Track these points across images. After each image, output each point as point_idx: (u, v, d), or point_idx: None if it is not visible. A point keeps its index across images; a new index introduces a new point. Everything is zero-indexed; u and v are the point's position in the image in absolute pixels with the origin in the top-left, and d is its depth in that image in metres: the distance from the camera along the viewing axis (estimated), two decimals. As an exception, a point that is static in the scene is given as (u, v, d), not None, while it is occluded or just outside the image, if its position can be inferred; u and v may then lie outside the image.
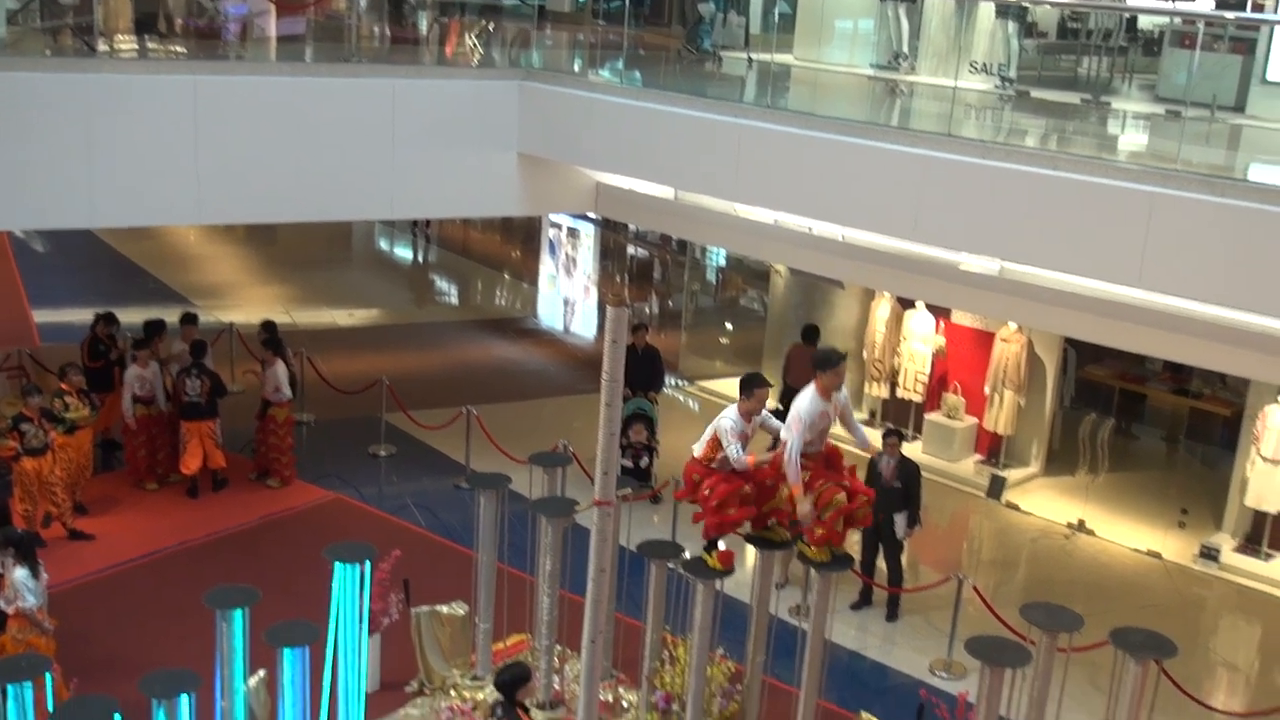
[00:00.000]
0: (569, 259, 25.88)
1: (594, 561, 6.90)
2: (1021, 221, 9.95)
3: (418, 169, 13.19)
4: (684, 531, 12.49)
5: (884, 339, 16.63)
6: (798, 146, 11.36)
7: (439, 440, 15.34)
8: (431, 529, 13.44)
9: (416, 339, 21.01)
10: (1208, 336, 10.04)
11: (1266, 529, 13.70)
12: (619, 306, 6.58)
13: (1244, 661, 12.67)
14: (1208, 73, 14.13)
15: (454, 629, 10.54)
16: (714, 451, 8.34)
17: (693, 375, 19.35)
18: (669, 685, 9.64)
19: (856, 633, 11.98)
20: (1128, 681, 7.67)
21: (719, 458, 8.34)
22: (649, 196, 14.21)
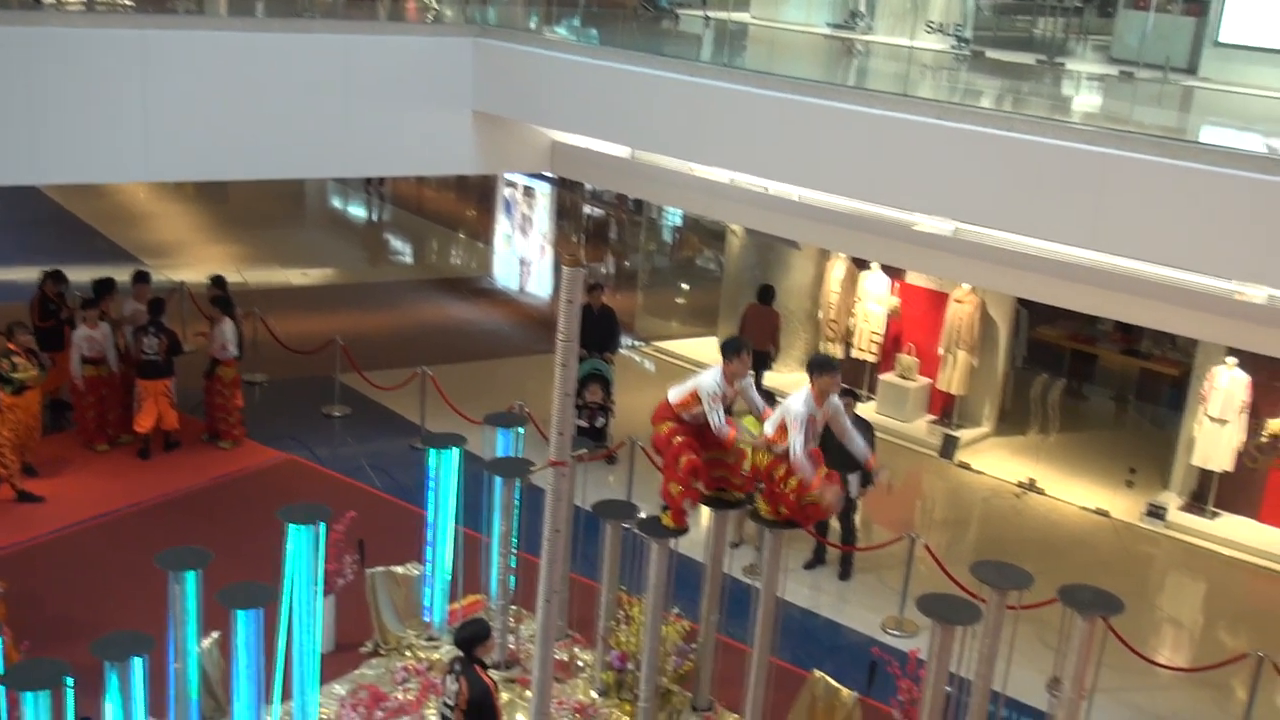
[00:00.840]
0: (524, 218, 25.73)
1: (549, 522, 6.90)
2: (975, 182, 9.98)
3: (371, 126, 13.06)
4: (639, 492, 12.54)
5: (839, 299, 16.69)
6: (754, 106, 11.33)
7: (393, 401, 15.27)
8: (386, 490, 13.39)
9: (370, 298, 20.86)
10: (1158, 298, 10.14)
11: (1212, 488, 13.92)
12: (574, 267, 6.55)
13: (1188, 618, 12.89)
14: (1161, 34, 14.21)
15: (408, 589, 10.53)
16: (690, 405, 8.29)
17: (649, 335, 19.35)
18: (624, 644, 9.70)
19: (810, 591, 12.08)
20: (1075, 638, 7.77)
21: (694, 412, 8.30)
22: (605, 155, 14.15)
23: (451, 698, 7.81)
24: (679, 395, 8.37)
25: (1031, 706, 9.93)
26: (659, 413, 8.53)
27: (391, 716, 9.44)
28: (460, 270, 24.93)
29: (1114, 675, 10.15)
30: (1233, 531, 13.69)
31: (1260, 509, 13.85)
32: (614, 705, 9.69)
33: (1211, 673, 10.55)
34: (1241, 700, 10.10)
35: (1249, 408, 13.45)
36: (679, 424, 8.42)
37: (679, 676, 9.70)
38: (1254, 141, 12.05)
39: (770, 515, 8.50)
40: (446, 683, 7.92)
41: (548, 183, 25.00)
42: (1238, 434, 13.50)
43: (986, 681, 8.02)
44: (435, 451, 10.28)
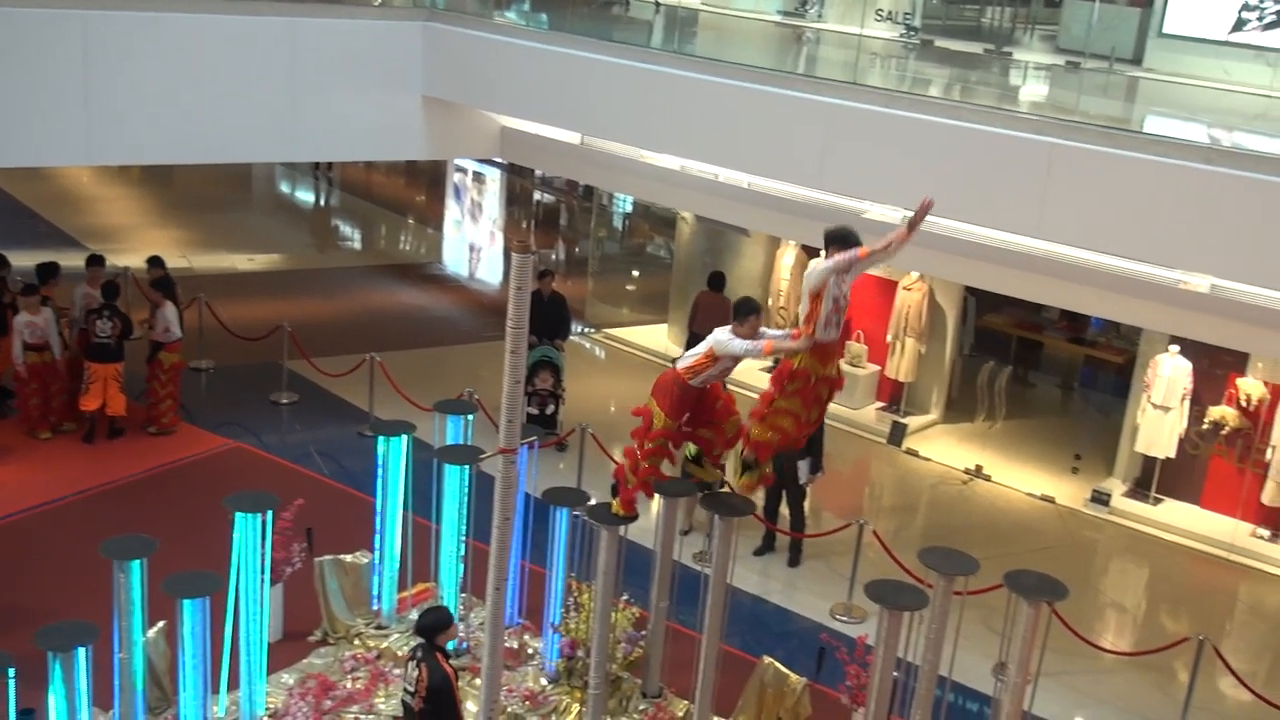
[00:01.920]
0: (474, 204, 25.63)
1: (498, 509, 6.88)
2: (924, 171, 10.05)
3: (319, 110, 12.95)
4: (589, 479, 12.55)
5: (789, 287, 16.75)
6: (704, 93, 11.34)
7: (342, 387, 15.16)
8: (335, 477, 13.30)
9: (319, 284, 20.69)
10: (1103, 286, 10.26)
11: (1155, 474, 14.11)
12: (524, 253, 6.52)
13: (1132, 603, 13.08)
14: (1107, 25, 14.37)
15: (357, 577, 10.47)
16: (707, 364, 7.82)
17: (599, 322, 19.33)
18: (574, 632, 9.70)
19: (759, 578, 12.13)
20: (1021, 623, 7.85)
21: (706, 374, 7.87)
22: (555, 141, 14.11)
23: (412, 684, 7.81)
24: (690, 359, 7.92)
25: (978, 691, 10.05)
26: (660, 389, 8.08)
27: (341, 705, 9.38)
28: (410, 256, 24.79)
29: (1059, 659, 10.28)
30: (1175, 517, 13.89)
31: (1202, 495, 14.06)
32: (564, 692, 9.69)
33: (1154, 656, 10.72)
34: (1183, 683, 10.26)
35: (1191, 395, 13.65)
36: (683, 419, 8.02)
37: (629, 663, 9.72)
38: (1197, 132, 12.22)
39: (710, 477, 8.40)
40: (408, 669, 7.92)
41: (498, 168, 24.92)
42: (1180, 421, 13.70)
43: (933, 666, 8.08)
44: (384, 439, 10.22)
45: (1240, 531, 13.54)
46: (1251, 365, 13.50)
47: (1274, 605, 12.80)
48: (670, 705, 9.65)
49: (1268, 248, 8.66)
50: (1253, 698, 10.14)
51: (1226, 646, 10.97)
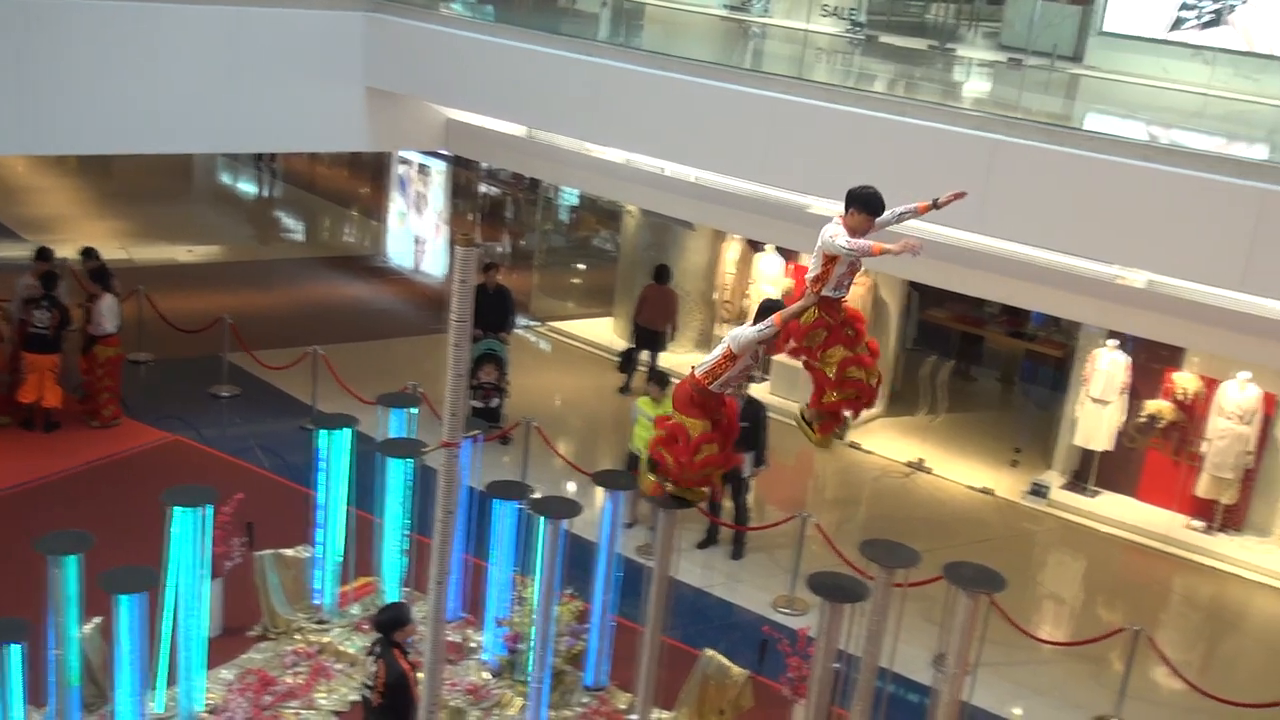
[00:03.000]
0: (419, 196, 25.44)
1: (441, 503, 6.84)
2: (867, 166, 10.08)
3: (260, 100, 12.81)
4: (533, 473, 12.53)
5: (733, 280, 16.80)
6: (650, 86, 11.34)
7: (284, 380, 15.02)
8: (276, 471, 13.18)
9: (260, 276, 20.48)
10: (1043, 281, 10.38)
11: (1093, 467, 14.30)
12: (468, 246, 6.48)
13: (1069, 594, 13.25)
14: (1049, 22, 14.52)
15: (298, 572, 10.38)
16: (726, 365, 7.39)
17: (544, 315, 19.29)
18: (517, 625, 9.67)
19: (702, 571, 12.16)
20: (960, 615, 7.93)
21: (731, 372, 7.44)
22: (501, 134, 14.06)
23: (370, 679, 7.85)
24: (708, 364, 7.44)
25: (917, 682, 10.13)
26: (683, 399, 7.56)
27: (280, 700, 9.31)
28: (353, 248, 24.59)
29: (997, 650, 10.39)
30: (1112, 509, 14.08)
31: (1138, 487, 14.27)
32: (507, 686, 9.67)
33: (1090, 647, 10.86)
34: (1118, 673, 10.41)
35: (1128, 389, 13.84)
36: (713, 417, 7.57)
37: (571, 656, 9.71)
38: (1136, 129, 12.39)
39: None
40: (368, 663, 7.95)
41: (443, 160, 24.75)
42: (1118, 414, 13.89)
43: (874, 658, 8.14)
44: (326, 432, 10.14)
45: (1175, 523, 13.76)
46: (1187, 360, 13.71)
47: (1207, 596, 13.02)
48: (612, 698, 9.66)
49: (1203, 244, 8.79)
50: (1186, 687, 10.30)
51: (1161, 637, 11.14)
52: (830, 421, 7.61)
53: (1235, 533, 13.63)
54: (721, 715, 9.30)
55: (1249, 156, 10.83)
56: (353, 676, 9.72)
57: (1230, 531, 13.64)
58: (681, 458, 7.51)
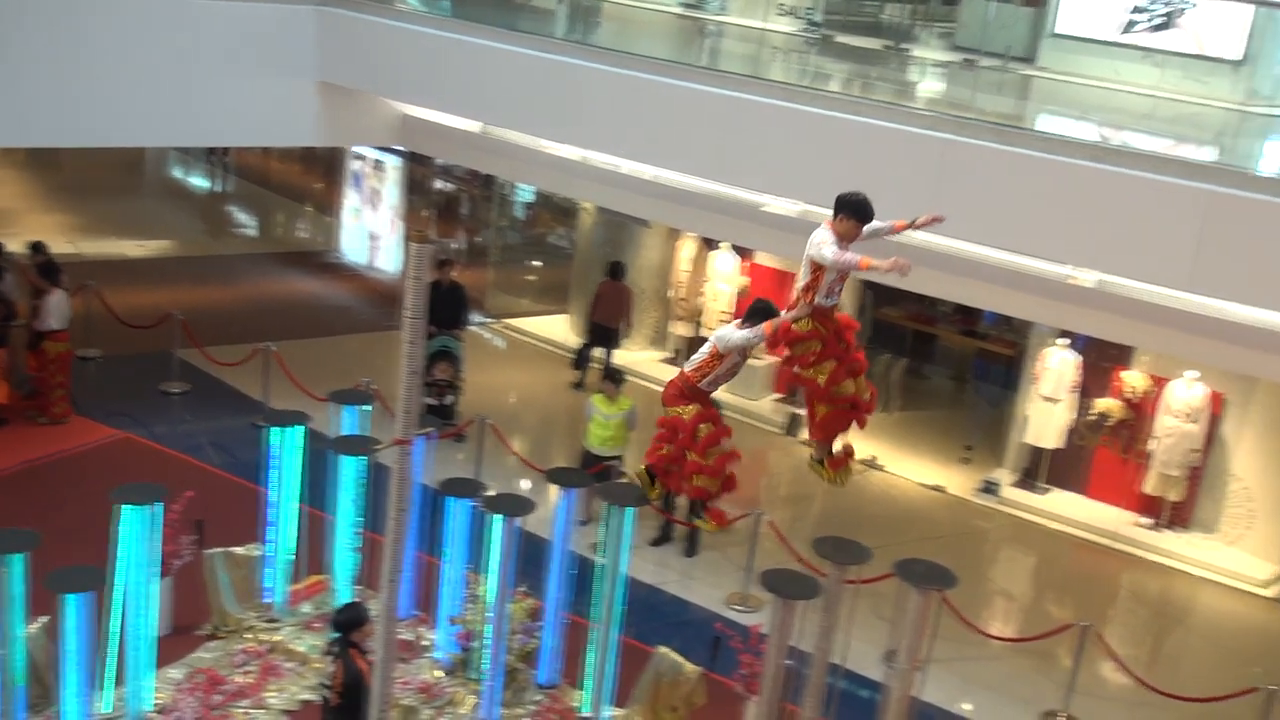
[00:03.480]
0: (373, 192, 25.30)
1: (394, 501, 6.81)
2: (821, 164, 10.14)
3: (212, 94, 12.69)
4: (488, 470, 12.49)
5: (688, 278, 16.82)
6: (606, 84, 11.33)
7: (235, 377, 14.88)
8: (227, 469, 13.05)
9: (212, 272, 20.29)
10: (994, 280, 10.46)
11: (1043, 465, 14.44)
12: (422, 242, 6.45)
13: (1019, 590, 13.38)
14: (1002, 24, 14.64)
15: (248, 570, 10.30)
16: (710, 366, 7.31)
17: (499, 312, 19.24)
18: (470, 623, 9.64)
19: (656, 568, 12.18)
20: (911, 611, 7.99)
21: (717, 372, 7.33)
22: (456, 130, 13.99)
23: (328, 679, 7.85)
24: (696, 361, 7.36)
25: (869, 678, 10.19)
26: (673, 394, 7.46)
27: (230, 700, 9.23)
28: (306, 244, 24.42)
29: (948, 646, 10.47)
30: (1061, 506, 14.23)
31: (1088, 485, 14.43)
32: (459, 684, 9.64)
33: (1039, 642, 10.97)
34: (1067, 668, 10.52)
35: (1078, 387, 13.99)
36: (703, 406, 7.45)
37: (524, 654, 9.70)
38: (1087, 130, 12.51)
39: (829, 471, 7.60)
40: (327, 663, 7.97)
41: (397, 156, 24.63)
42: (1067, 413, 14.04)
43: (826, 654, 8.19)
44: (278, 429, 10.07)
45: (1124, 520, 13.93)
46: (1136, 359, 13.88)
47: (1155, 592, 13.19)
48: (565, 695, 9.65)
49: (1152, 245, 8.89)
50: (1133, 681, 10.43)
51: (1109, 632, 11.27)
52: (841, 458, 7.59)
53: (1182, 529, 13.81)
54: (674, 712, 9.32)
55: (1197, 158, 10.97)
56: (303, 675, 9.66)
57: (1177, 528, 13.81)
58: (685, 445, 7.43)
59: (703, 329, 16.82)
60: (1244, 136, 12.26)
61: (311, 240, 24.85)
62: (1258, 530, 13.44)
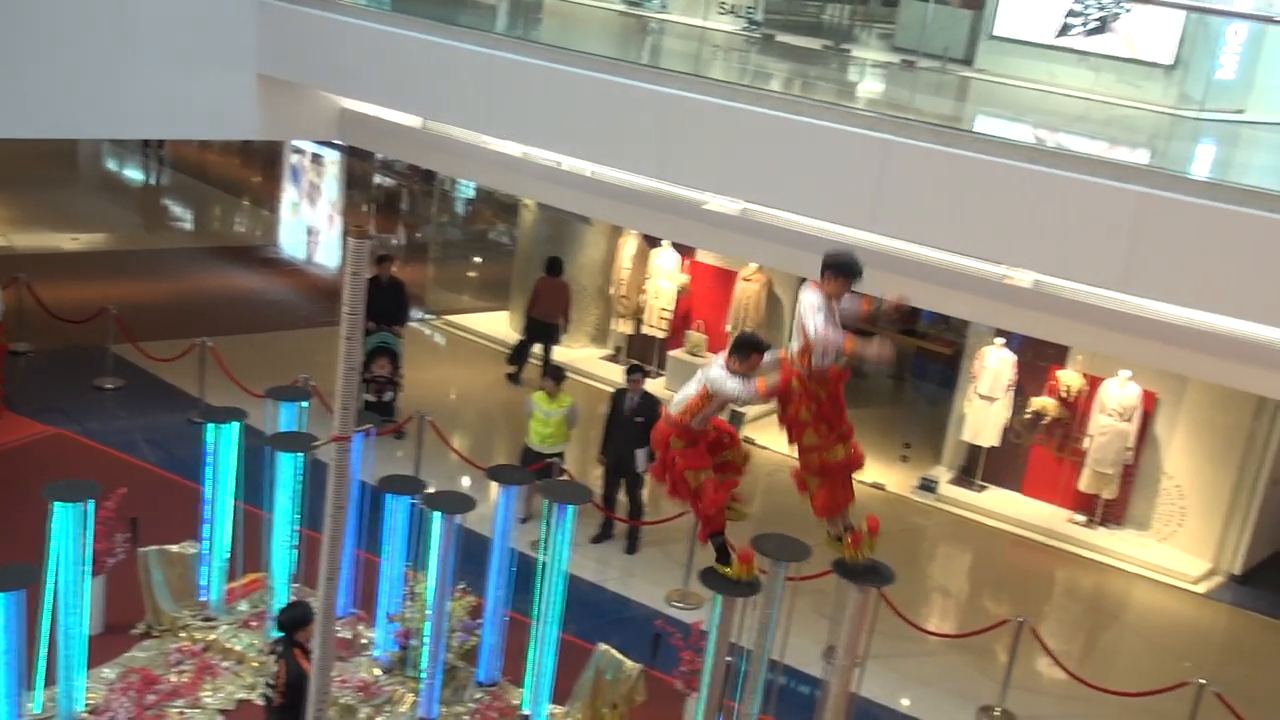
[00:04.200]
0: (312, 186, 25.07)
1: (331, 498, 6.75)
2: (763, 164, 10.18)
3: (147, 86, 12.50)
4: (427, 467, 12.43)
5: (630, 276, 16.83)
6: (547, 80, 11.29)
7: (171, 373, 14.69)
8: (162, 465, 12.89)
9: (147, 266, 20.01)
10: (933, 280, 10.54)
11: (980, 462, 14.60)
12: (361, 238, 6.40)
13: (956, 587, 13.52)
14: (941, 25, 14.74)
15: (184, 568, 10.18)
16: (700, 407, 7.30)
17: (440, 309, 19.14)
18: (409, 621, 9.59)
19: (597, 565, 12.18)
20: (849, 608, 8.04)
21: (707, 410, 7.33)
22: (396, 125, 13.89)
23: (271, 678, 7.81)
24: (681, 402, 7.35)
25: (808, 674, 10.26)
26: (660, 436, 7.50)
27: (165, 700, 9.11)
28: (244, 238, 24.14)
29: (886, 642, 10.55)
30: (998, 504, 14.41)
31: (1023, 482, 14.62)
32: (398, 682, 9.58)
33: (976, 638, 11.10)
34: (1003, 663, 10.65)
35: (1015, 386, 14.16)
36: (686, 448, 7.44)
37: (464, 652, 9.66)
38: (1024, 132, 12.65)
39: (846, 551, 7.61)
40: (270, 662, 7.91)
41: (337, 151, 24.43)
42: (1004, 411, 14.20)
43: (765, 651, 8.23)
44: (214, 426, 9.95)
45: (1058, 517, 14.12)
46: (1071, 358, 14.07)
47: (1088, 588, 13.38)
48: (505, 693, 9.62)
49: (1086, 245, 9.01)
50: (1067, 676, 10.57)
51: (1044, 628, 11.41)
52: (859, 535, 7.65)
53: (1115, 526, 14.03)
54: (615, 709, 9.32)
55: (1131, 160, 11.13)
56: (240, 674, 9.57)
57: (1111, 525, 14.03)
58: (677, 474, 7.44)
59: (644, 326, 16.84)
60: (1176, 140, 12.46)
61: (249, 235, 24.59)
62: (1189, 527, 13.69)
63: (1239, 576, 13.51)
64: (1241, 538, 13.47)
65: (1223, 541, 13.56)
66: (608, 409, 12.61)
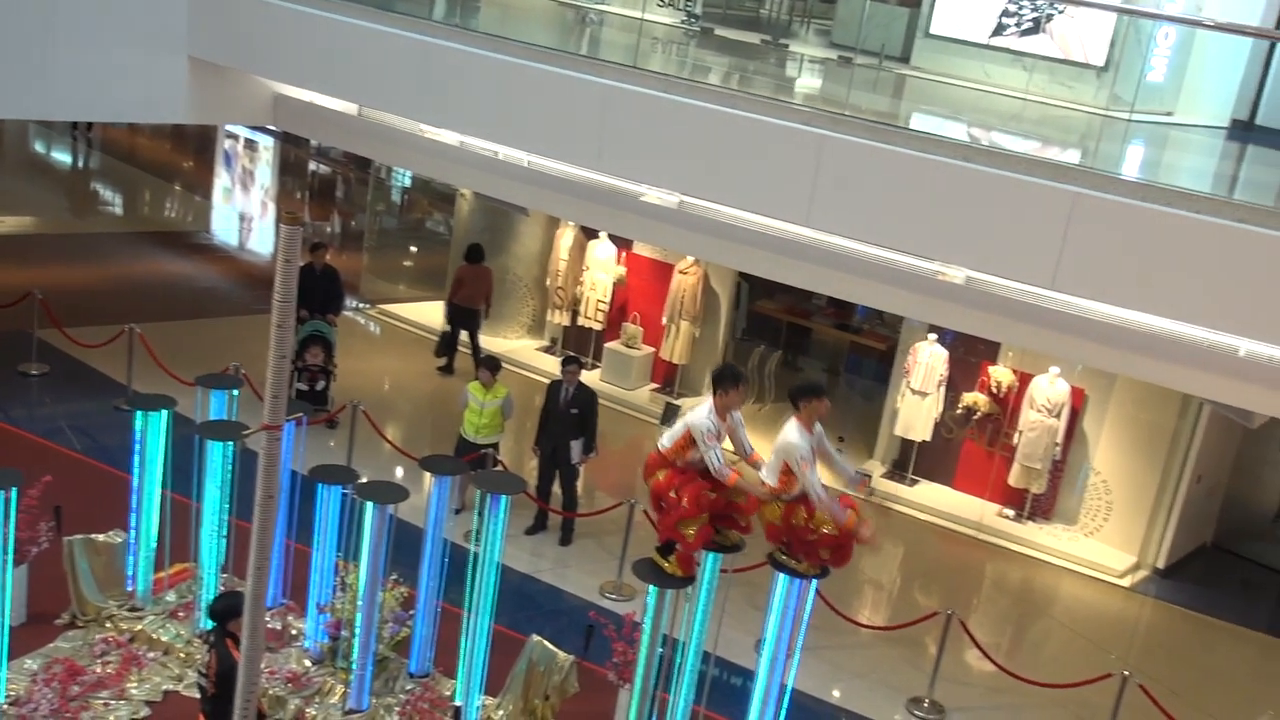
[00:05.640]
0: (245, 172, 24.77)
1: (261, 487, 6.67)
2: (701, 157, 10.18)
3: (75, 66, 12.25)
4: (360, 457, 12.33)
5: (567, 267, 16.80)
6: (485, 69, 11.22)
7: (98, 359, 14.44)
8: (88, 453, 12.67)
9: (75, 251, 19.65)
10: (867, 275, 10.61)
11: (913, 456, 14.74)
12: (293, 224, 6.32)
13: (887, 579, 13.64)
14: (879, 23, 14.84)
15: (110, 558, 10.01)
16: (684, 450, 7.64)
17: (374, 298, 18.99)
18: (340, 612, 9.51)
19: (531, 557, 12.15)
20: (783, 600, 8.09)
21: (689, 457, 7.66)
22: (331, 111, 13.74)
23: (203, 668, 7.74)
24: (672, 440, 7.69)
25: (741, 666, 10.31)
26: (651, 464, 7.88)
27: (89, 691, 8.96)
28: (175, 224, 23.79)
29: (818, 635, 10.60)
30: (929, 497, 14.56)
31: (954, 477, 14.78)
32: (329, 673, 9.50)
33: (906, 630, 11.21)
34: (932, 655, 10.76)
35: (946, 381, 14.31)
36: (675, 470, 7.76)
37: (395, 643, 9.60)
38: (958, 130, 12.76)
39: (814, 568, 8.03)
40: (203, 652, 7.85)
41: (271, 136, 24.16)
42: (936, 406, 14.35)
43: (699, 643, 8.25)
44: (142, 413, 9.80)
45: (988, 511, 14.29)
46: (1002, 354, 14.24)
47: (1017, 581, 13.56)
48: (437, 685, 9.58)
49: (1018, 243, 9.10)
50: (995, 668, 10.71)
51: (973, 620, 11.56)
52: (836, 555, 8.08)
53: (1044, 521, 14.23)
54: (546, 701, 9.31)
55: (1063, 160, 11.27)
56: (167, 665, 9.44)
57: (1039, 519, 14.23)
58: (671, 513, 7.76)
59: (581, 318, 16.82)
60: (1107, 140, 12.64)
61: (180, 220, 24.22)
62: (1114, 522, 13.91)
63: (1163, 570, 13.76)
64: (1165, 532, 13.72)
65: (1147, 536, 13.80)
66: (543, 400, 12.58)
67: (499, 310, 17.39)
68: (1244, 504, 14.54)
